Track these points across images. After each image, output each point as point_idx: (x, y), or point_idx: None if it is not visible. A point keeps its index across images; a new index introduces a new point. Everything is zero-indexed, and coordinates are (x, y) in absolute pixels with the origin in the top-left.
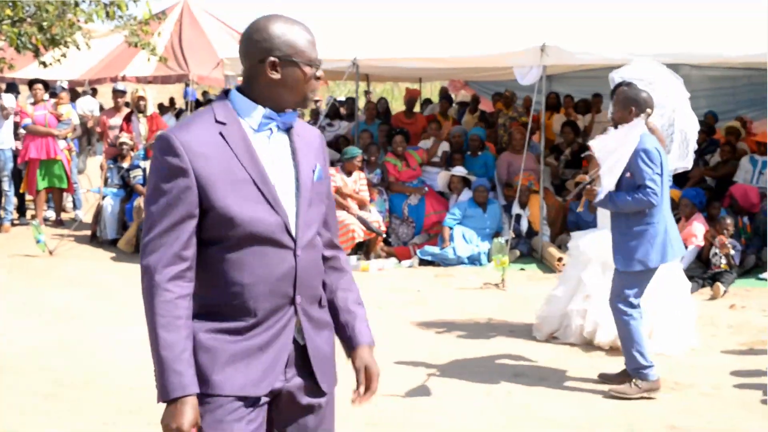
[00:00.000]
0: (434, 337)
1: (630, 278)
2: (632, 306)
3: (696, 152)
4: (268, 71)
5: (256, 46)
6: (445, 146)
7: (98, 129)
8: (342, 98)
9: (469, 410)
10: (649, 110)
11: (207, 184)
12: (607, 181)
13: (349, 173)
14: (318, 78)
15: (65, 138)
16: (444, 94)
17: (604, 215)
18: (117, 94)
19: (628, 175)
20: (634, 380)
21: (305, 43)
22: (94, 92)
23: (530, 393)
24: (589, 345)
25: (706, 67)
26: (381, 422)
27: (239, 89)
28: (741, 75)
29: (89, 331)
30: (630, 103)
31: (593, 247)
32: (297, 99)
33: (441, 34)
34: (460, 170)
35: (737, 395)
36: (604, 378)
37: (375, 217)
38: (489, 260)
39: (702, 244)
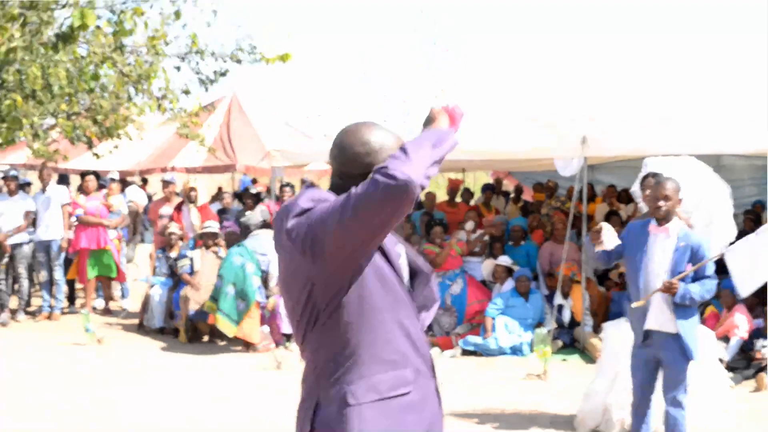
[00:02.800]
0: (474, 428)
1: (689, 367)
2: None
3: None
4: None
5: (358, 159)
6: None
7: (150, 217)
8: None
9: None
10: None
11: None
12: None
13: None
14: None
15: (115, 228)
16: (487, 186)
17: (660, 309)
18: (165, 184)
19: (686, 268)
20: None
21: None
22: (144, 182)
23: None
24: None
25: (750, 156)
26: None
27: (332, 189)
28: None
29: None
30: (679, 192)
31: (628, 337)
32: None
33: (483, 126)
34: (505, 260)
35: None
36: None
37: None
38: (531, 350)
39: (746, 336)
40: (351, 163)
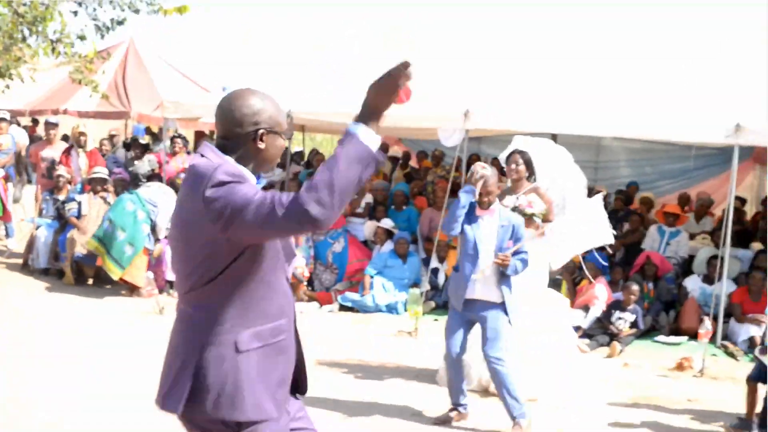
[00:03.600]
0: (338, 377)
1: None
2: None
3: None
4: (257, 142)
5: (245, 119)
6: (368, 198)
7: (31, 159)
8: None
9: None
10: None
11: None
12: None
13: None
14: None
15: (3, 167)
16: None
17: (487, 280)
18: (49, 126)
19: (508, 244)
20: (519, 422)
21: (283, 117)
22: (35, 123)
23: None
24: (486, 391)
25: (627, 139)
26: None
27: (218, 148)
28: (660, 148)
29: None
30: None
31: None
32: (270, 165)
33: None
34: (386, 222)
35: None
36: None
37: (299, 262)
38: (405, 309)
39: (604, 308)
40: (238, 123)
